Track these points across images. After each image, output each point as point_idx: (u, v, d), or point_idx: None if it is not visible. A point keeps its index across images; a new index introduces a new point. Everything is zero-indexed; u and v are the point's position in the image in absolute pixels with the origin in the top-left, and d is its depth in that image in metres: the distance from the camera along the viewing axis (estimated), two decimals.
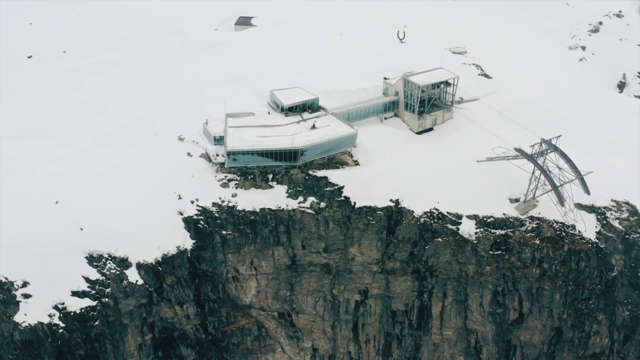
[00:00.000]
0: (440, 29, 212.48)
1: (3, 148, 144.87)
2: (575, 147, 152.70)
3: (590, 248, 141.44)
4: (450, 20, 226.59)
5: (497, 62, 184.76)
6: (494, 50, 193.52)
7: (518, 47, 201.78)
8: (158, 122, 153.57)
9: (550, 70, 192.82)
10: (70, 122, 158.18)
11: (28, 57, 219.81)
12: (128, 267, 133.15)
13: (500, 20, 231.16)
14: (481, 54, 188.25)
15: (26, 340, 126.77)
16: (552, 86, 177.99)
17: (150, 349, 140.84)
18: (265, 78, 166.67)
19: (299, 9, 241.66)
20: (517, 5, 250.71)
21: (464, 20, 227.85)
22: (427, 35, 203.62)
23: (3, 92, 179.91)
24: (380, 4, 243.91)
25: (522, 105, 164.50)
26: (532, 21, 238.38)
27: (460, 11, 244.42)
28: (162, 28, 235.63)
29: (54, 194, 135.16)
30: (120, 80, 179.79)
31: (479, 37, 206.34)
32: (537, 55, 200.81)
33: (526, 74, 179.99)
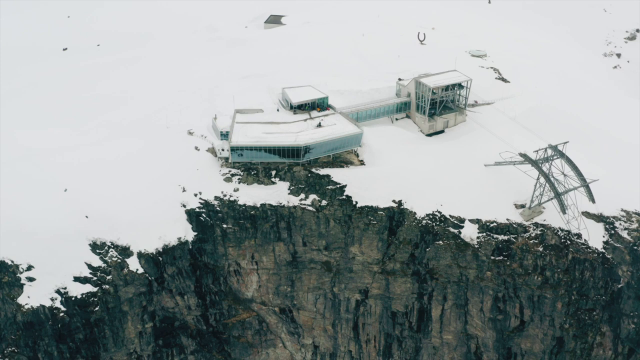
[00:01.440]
0: (468, 32, 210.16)
1: (20, 136, 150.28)
2: (590, 154, 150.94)
3: (595, 258, 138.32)
4: (480, 23, 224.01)
5: (518, 66, 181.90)
6: (518, 55, 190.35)
7: (545, 53, 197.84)
8: (171, 116, 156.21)
9: (576, 76, 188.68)
10: (90, 113, 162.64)
11: (63, 50, 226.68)
12: (129, 255, 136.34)
13: (532, 25, 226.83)
14: (502, 57, 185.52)
15: (28, 322, 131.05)
16: (574, 92, 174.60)
17: (150, 337, 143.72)
18: (280, 75, 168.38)
19: (330, 9, 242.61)
20: (552, 11, 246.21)
21: (493, 23, 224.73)
22: (451, 37, 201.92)
23: (33, 83, 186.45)
24: (411, 5, 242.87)
25: (537, 110, 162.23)
26: (566, 26, 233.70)
27: (493, 14, 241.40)
28: (195, 25, 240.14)
29: (63, 182, 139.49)
30: (144, 74, 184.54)
31: (506, 41, 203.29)
32: (565, 61, 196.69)
33: (547, 80, 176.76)
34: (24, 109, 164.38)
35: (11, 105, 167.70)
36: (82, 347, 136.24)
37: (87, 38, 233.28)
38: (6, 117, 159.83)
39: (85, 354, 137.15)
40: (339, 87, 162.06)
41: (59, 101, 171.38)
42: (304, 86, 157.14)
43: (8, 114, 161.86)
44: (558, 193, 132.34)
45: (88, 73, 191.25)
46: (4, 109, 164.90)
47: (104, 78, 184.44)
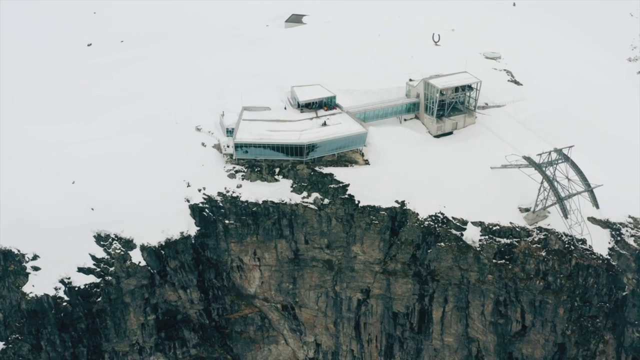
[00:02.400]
0: (487, 34, 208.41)
1: (32, 130, 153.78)
2: (600, 159, 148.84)
3: (600, 264, 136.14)
4: (501, 26, 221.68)
5: (533, 69, 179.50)
6: (534, 58, 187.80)
7: (564, 56, 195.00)
8: (181, 112, 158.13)
9: (595, 80, 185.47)
10: (104, 108, 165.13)
11: (88, 45, 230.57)
12: (132, 248, 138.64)
13: (554, 28, 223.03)
14: (517, 60, 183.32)
15: (32, 310, 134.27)
16: (590, 96, 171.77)
17: (153, 329, 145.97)
18: (291, 74, 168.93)
19: (352, 9, 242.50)
20: (577, 15, 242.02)
21: (515, 26, 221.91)
22: (469, 39, 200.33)
23: (53, 77, 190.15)
24: (433, 6, 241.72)
25: (549, 113, 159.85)
26: (590, 31, 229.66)
27: (516, 17, 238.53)
28: (218, 24, 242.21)
29: (72, 175, 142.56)
30: (161, 71, 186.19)
31: (524, 43, 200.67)
32: (585, 65, 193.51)
33: (562, 83, 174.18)
34: (39, 103, 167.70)
35: (27, 99, 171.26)
36: (84, 337, 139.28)
37: (112, 34, 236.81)
38: (20, 111, 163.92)
39: (87, 343, 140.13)
40: (348, 86, 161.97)
41: (75, 96, 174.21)
42: (312, 85, 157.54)
43: (22, 108, 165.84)
44: (560, 197, 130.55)
45: (107, 68, 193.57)
46: (19, 102, 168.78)
47: (121, 74, 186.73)
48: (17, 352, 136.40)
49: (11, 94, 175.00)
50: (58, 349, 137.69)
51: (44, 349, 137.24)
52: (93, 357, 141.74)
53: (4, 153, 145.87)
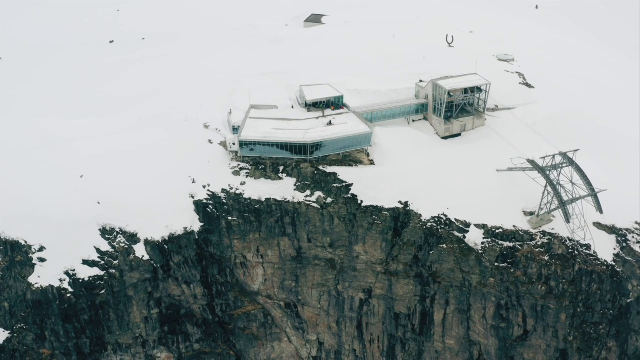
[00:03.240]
0: (505, 37, 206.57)
1: (43, 124, 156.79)
2: (609, 164, 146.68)
3: (604, 270, 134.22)
4: (520, 29, 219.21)
5: (546, 72, 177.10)
6: (548, 61, 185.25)
7: (580, 60, 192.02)
8: (191, 110, 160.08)
9: (611, 85, 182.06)
10: (116, 105, 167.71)
11: (110, 42, 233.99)
12: (136, 242, 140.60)
13: (572, 32, 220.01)
14: (531, 63, 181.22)
15: (37, 301, 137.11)
16: (604, 100, 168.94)
17: (156, 323, 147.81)
18: (301, 73, 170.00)
19: (371, 9, 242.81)
20: (598, 20, 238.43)
21: (534, 29, 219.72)
22: (485, 41, 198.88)
23: (72, 73, 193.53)
24: (453, 8, 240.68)
25: (559, 117, 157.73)
26: (609, 34, 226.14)
27: (537, 20, 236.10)
28: (238, 22, 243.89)
29: (80, 169, 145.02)
30: (175, 69, 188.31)
31: (540, 46, 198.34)
32: (601, 69, 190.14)
33: (575, 87, 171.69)
34: (54, 98, 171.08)
35: (42, 93, 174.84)
36: (87, 328, 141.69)
37: (134, 32, 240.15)
38: (34, 105, 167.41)
39: (90, 335, 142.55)
40: (357, 86, 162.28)
41: (89, 92, 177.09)
42: (321, 84, 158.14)
43: (36, 102, 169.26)
44: (562, 201, 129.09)
45: (125, 66, 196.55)
46: (34, 97, 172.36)
47: (137, 71, 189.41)
48: (21, 342, 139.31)
49: (28, 88, 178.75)
50: (62, 339, 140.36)
51: (48, 339, 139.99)
52: (96, 349, 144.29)
53: (16, 146, 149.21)
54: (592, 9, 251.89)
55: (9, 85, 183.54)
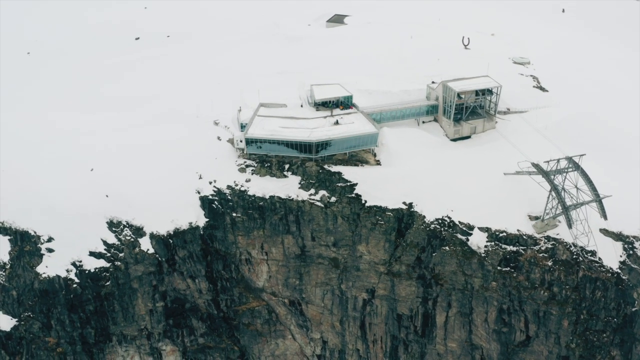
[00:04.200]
0: (525, 39, 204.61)
1: (56, 118, 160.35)
2: (619, 168, 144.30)
3: (609, 277, 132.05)
4: (542, 32, 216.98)
5: (561, 76, 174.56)
6: (565, 65, 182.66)
7: (599, 65, 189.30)
8: (203, 107, 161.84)
9: (626, 89, 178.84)
10: (133, 101, 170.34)
11: (135, 39, 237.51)
12: (142, 235, 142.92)
13: (596, 36, 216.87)
14: (547, 66, 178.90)
15: (44, 290, 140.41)
16: (620, 105, 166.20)
17: (161, 316, 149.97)
18: (314, 73, 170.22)
19: (394, 10, 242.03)
20: (627, 25, 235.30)
21: (557, 32, 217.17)
22: (504, 44, 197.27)
23: (94, 70, 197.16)
24: (476, 10, 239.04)
25: (571, 121, 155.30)
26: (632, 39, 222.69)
27: (562, 24, 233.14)
28: (261, 21, 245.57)
29: (91, 163, 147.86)
30: (193, 66, 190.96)
31: (559, 50, 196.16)
32: (620, 75, 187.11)
33: (590, 91, 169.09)
34: (71, 94, 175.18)
35: (60, 89, 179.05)
36: (92, 319, 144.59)
37: (160, 28, 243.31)
38: (52, 100, 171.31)
39: (94, 325, 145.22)
40: (368, 86, 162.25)
41: (107, 88, 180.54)
42: (332, 84, 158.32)
43: (55, 97, 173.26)
44: (565, 206, 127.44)
45: (144, 62, 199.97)
46: (52, 92, 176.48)
47: (155, 68, 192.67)
48: (28, 330, 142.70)
49: (47, 83, 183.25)
50: (67, 328, 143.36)
51: (54, 328, 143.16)
52: (100, 339, 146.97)
53: (29, 139, 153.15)
54: (620, 13, 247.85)
55: (31, 78, 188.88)
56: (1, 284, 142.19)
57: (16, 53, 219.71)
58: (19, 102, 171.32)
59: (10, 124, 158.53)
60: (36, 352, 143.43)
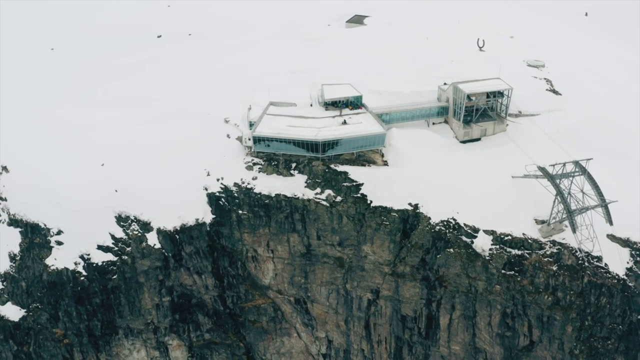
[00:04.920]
0: (544, 42, 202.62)
1: (71, 114, 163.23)
2: (631, 173, 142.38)
3: (615, 284, 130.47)
4: (562, 35, 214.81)
5: (575, 79, 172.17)
6: (581, 69, 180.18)
7: (614, 69, 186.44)
8: (214, 105, 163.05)
9: None
10: (146, 98, 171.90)
11: (158, 37, 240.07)
12: (149, 230, 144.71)
13: (615, 40, 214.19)
14: (561, 70, 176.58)
15: (52, 282, 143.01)
16: (633, 109, 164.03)
17: (168, 311, 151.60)
18: (326, 73, 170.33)
19: (414, 12, 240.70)
20: None
21: (577, 36, 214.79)
22: (521, 46, 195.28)
23: (110, 67, 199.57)
24: (497, 13, 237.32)
25: (583, 124, 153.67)
26: None
27: (584, 28, 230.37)
28: (282, 20, 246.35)
29: (101, 158, 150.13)
30: (208, 64, 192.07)
31: (577, 54, 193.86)
32: (636, 78, 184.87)
33: (605, 95, 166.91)
34: (85, 90, 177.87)
35: (76, 85, 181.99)
36: (99, 311, 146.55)
37: (182, 26, 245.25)
38: (66, 96, 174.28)
39: (101, 318, 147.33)
40: (379, 87, 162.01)
41: (125, 85, 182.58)
42: (342, 84, 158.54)
43: (69, 94, 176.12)
44: (570, 211, 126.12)
45: (159, 60, 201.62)
46: (68, 88, 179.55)
47: (170, 65, 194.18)
48: (36, 320, 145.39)
49: (64, 79, 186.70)
50: (74, 320, 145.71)
51: (61, 320, 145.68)
52: (107, 332, 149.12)
53: (41, 134, 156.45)
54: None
55: (48, 75, 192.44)
56: (11, 274, 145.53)
57: (38, 50, 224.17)
58: (34, 98, 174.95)
59: (25, 119, 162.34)
60: (43, 343, 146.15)
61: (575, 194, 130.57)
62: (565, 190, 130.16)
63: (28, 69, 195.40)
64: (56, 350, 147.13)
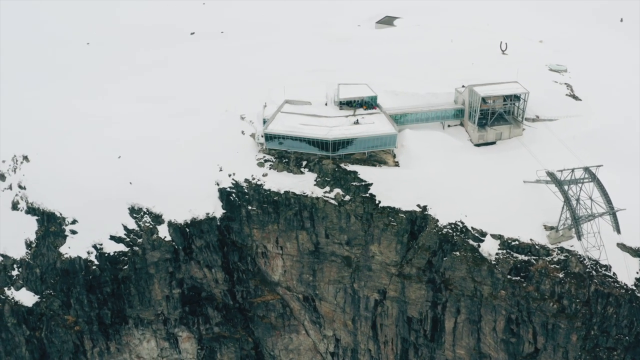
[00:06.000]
0: (572, 47, 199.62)
1: (92, 107, 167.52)
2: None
3: (623, 294, 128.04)
4: (593, 40, 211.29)
5: (597, 86, 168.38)
6: (604, 75, 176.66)
7: None
8: (234, 101, 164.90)
9: None
10: (170, 94, 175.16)
11: (191, 34, 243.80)
12: (161, 223, 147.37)
13: None
14: (584, 75, 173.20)
15: (65, 270, 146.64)
16: None
17: (178, 303, 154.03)
18: (345, 72, 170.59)
19: (445, 14, 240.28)
20: None
21: (609, 42, 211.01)
22: (549, 50, 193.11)
23: (143, 63, 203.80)
24: (528, 17, 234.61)
25: (601, 131, 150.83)
26: None
27: (617, 32, 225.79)
28: (312, 19, 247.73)
29: (119, 150, 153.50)
30: (229, 62, 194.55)
31: (604, 60, 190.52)
32: None
33: (627, 102, 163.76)
34: (108, 84, 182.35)
35: (101, 79, 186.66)
36: (109, 300, 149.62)
37: (215, 25, 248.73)
38: (89, 90, 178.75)
39: (111, 307, 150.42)
40: (396, 87, 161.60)
41: (154, 81, 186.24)
42: (359, 84, 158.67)
43: (94, 88, 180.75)
44: (575, 217, 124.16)
45: (186, 56, 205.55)
46: (94, 82, 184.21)
47: (194, 62, 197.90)
48: (48, 307, 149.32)
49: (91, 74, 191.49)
50: (85, 308, 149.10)
51: (73, 307, 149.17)
52: (116, 321, 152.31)
53: (62, 126, 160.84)
54: None
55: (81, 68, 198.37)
56: (26, 261, 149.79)
57: (75, 45, 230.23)
58: (57, 91, 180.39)
59: (47, 112, 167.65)
60: (55, 329, 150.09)
61: (584, 200, 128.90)
62: (573, 197, 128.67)
63: (56, 64, 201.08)
64: (67, 336, 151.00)
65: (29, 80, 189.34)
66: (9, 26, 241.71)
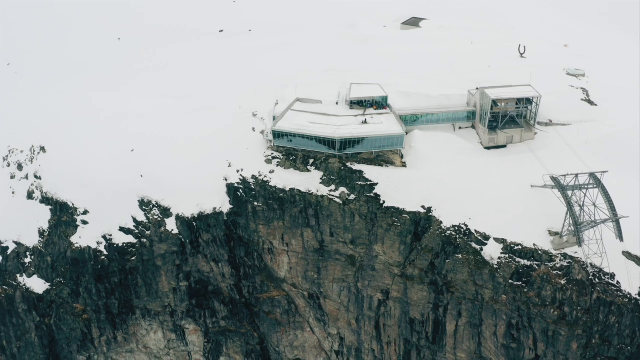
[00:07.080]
0: (595, 52, 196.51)
1: (109, 101, 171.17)
2: None
3: (626, 303, 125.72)
4: (619, 47, 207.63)
5: (614, 91, 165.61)
6: (622, 80, 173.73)
7: None
8: (247, 98, 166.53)
9: None
10: (190, 91, 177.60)
11: (220, 31, 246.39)
12: (169, 216, 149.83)
13: None
14: (602, 80, 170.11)
15: (75, 259, 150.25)
16: None
17: (185, 295, 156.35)
18: (360, 72, 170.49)
19: (472, 16, 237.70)
20: None
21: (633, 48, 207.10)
22: (570, 55, 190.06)
23: (171, 60, 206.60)
24: (556, 22, 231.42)
25: (614, 137, 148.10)
26: None
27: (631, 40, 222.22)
28: (337, 19, 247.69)
29: (132, 144, 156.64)
30: (247, 60, 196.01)
31: (627, 65, 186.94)
32: None
33: None
34: (125, 79, 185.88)
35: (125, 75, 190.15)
36: (117, 290, 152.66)
37: (243, 23, 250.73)
38: (107, 84, 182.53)
39: (118, 297, 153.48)
40: (408, 88, 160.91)
41: (174, 77, 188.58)
42: (371, 84, 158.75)
43: (109, 81, 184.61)
44: (577, 223, 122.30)
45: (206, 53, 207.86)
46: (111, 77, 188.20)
47: (214, 59, 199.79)
48: (58, 294, 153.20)
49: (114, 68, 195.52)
50: (93, 297, 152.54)
51: (82, 296, 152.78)
52: (124, 311, 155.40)
53: (80, 119, 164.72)
54: None
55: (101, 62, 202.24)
56: (39, 249, 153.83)
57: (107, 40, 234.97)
58: (75, 85, 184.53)
59: (65, 104, 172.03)
60: (64, 317, 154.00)
61: (588, 206, 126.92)
62: (577, 203, 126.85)
63: (77, 59, 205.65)
64: (75, 324, 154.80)
65: (51, 74, 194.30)
66: (33, 22, 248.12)
